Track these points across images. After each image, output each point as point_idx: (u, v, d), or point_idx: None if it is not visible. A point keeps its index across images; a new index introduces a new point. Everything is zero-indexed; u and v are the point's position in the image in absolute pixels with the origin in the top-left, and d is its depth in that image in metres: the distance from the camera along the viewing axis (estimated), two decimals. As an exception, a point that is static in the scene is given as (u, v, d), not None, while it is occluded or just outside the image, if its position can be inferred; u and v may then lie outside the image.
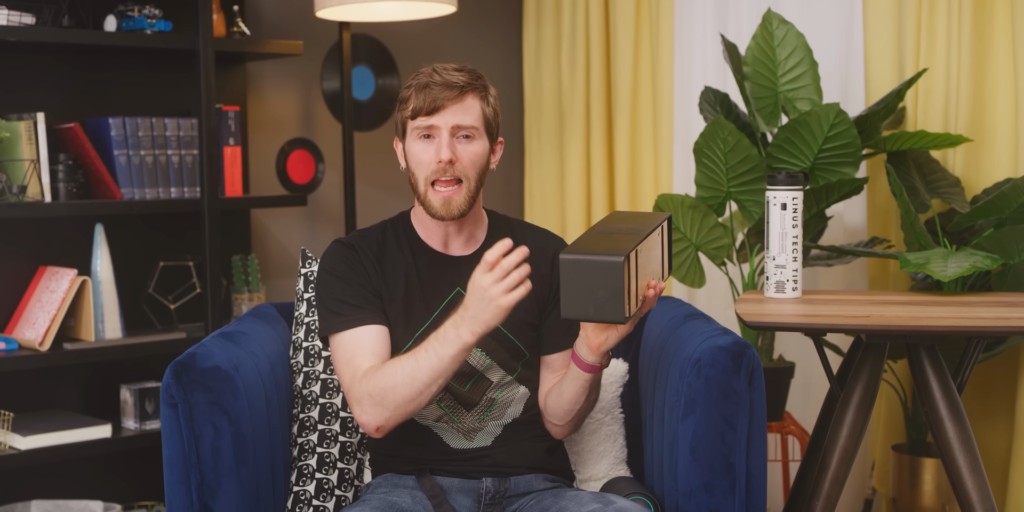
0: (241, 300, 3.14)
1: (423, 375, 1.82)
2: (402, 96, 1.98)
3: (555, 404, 2.02)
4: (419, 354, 1.82)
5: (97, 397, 2.99)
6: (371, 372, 1.87)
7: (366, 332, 1.94)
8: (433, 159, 1.93)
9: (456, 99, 1.93)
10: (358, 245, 2.02)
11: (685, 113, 3.43)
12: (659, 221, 1.87)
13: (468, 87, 1.94)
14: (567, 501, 1.91)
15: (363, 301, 1.96)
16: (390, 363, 1.87)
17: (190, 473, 1.90)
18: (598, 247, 1.71)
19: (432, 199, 1.95)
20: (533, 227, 2.14)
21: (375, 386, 1.85)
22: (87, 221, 2.92)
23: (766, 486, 1.95)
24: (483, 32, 3.81)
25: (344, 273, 1.98)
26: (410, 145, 1.97)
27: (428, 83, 1.93)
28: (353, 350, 1.93)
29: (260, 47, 3.05)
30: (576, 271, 1.69)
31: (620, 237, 1.77)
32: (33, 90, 2.89)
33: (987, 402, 2.90)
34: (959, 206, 2.73)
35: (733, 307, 2.85)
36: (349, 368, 1.91)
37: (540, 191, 3.77)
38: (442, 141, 1.93)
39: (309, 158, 3.42)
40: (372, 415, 1.86)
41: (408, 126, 1.96)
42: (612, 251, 1.69)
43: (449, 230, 2.02)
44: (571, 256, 1.69)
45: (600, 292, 1.69)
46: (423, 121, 1.93)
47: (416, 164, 1.96)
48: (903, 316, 2.16)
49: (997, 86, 2.83)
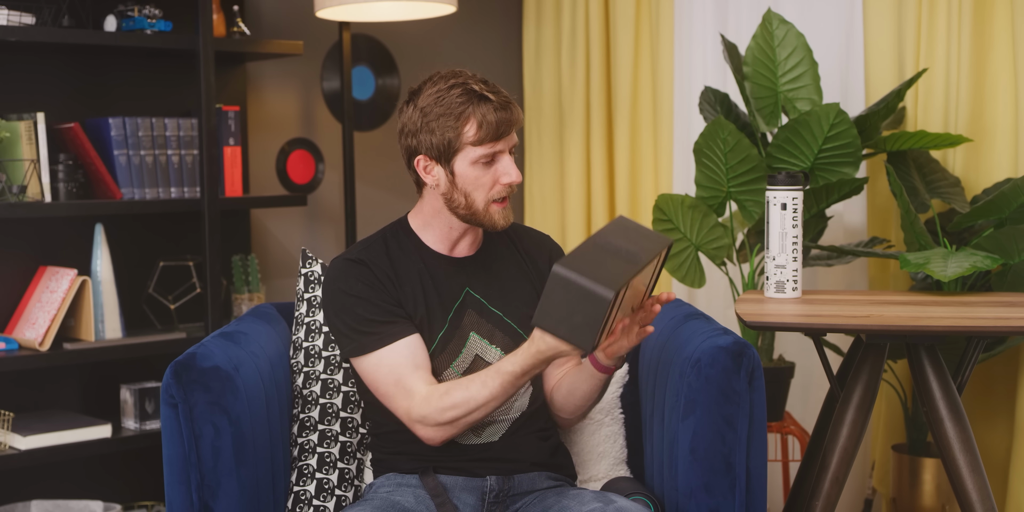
0: (241, 300, 3.14)
1: (496, 404, 1.89)
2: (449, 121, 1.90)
3: (566, 400, 2.05)
4: (494, 387, 1.86)
5: (97, 397, 2.99)
6: (435, 396, 1.90)
7: (402, 347, 1.95)
8: (496, 181, 1.94)
9: (517, 120, 1.94)
10: (367, 259, 2.00)
11: (685, 113, 3.43)
12: (659, 249, 1.83)
13: (515, 105, 1.95)
14: (569, 500, 1.91)
15: (391, 316, 1.96)
16: (460, 390, 1.88)
17: (190, 473, 1.90)
18: (594, 270, 1.67)
19: (495, 215, 1.97)
20: (522, 226, 2.18)
21: (445, 415, 1.89)
22: (87, 221, 2.92)
23: (766, 486, 1.95)
24: (483, 32, 3.82)
25: (363, 292, 1.97)
26: (466, 170, 1.93)
27: (493, 107, 1.90)
28: (397, 370, 1.93)
29: (260, 47, 3.05)
30: (564, 289, 1.67)
31: (617, 262, 1.72)
32: (33, 90, 2.89)
33: (987, 402, 2.90)
34: (959, 206, 2.73)
35: (733, 307, 2.85)
36: (399, 389, 1.93)
37: (540, 191, 3.77)
38: (507, 163, 1.94)
39: (309, 158, 3.42)
40: (439, 433, 1.92)
41: (464, 151, 1.92)
42: (606, 281, 1.65)
43: (464, 234, 2.03)
44: (564, 272, 1.66)
45: (578, 317, 1.67)
46: (488, 147, 1.91)
47: (475, 187, 1.94)
48: (903, 316, 2.16)
49: (997, 86, 2.83)
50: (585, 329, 1.67)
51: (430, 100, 1.92)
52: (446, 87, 1.91)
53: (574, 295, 1.65)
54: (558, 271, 1.67)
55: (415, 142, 1.95)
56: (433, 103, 1.91)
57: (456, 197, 1.95)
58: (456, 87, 1.91)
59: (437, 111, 1.91)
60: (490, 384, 1.86)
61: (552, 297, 1.68)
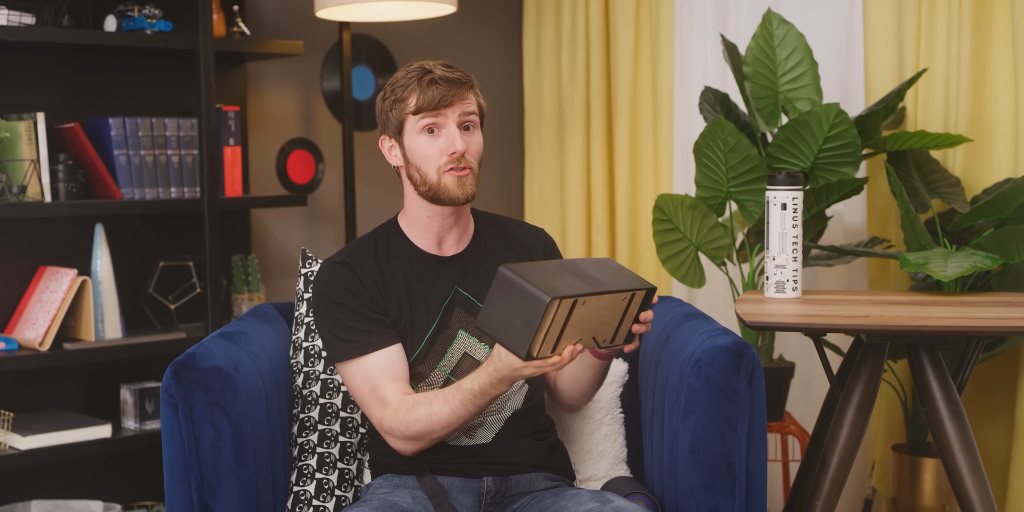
0: (241, 300, 3.14)
1: (460, 421, 1.89)
2: (397, 95, 1.97)
3: (572, 389, 2.08)
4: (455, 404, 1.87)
5: (97, 397, 2.99)
6: (403, 409, 1.91)
7: (379, 358, 1.96)
8: (444, 151, 1.95)
9: (460, 95, 1.96)
10: (353, 262, 2.01)
11: (685, 113, 3.43)
12: (632, 286, 1.75)
13: (468, 83, 1.98)
14: (567, 500, 1.91)
15: (371, 324, 1.97)
16: (424, 405, 1.90)
17: (190, 473, 1.90)
18: (541, 278, 1.66)
19: (448, 182, 1.96)
20: (515, 220, 2.17)
21: (410, 429, 1.91)
22: (87, 221, 2.92)
23: (766, 486, 1.95)
24: (483, 32, 3.82)
25: (346, 298, 1.98)
26: (412, 140, 1.97)
27: (432, 79, 1.94)
28: (372, 381, 1.96)
29: (260, 47, 3.05)
30: (506, 290, 1.65)
31: (573, 280, 1.70)
32: (33, 90, 2.89)
33: (987, 402, 2.90)
34: (959, 206, 2.73)
35: (733, 307, 2.85)
36: (374, 398, 1.95)
37: (540, 191, 3.77)
38: (452, 133, 1.95)
39: (309, 158, 3.42)
40: (408, 446, 1.95)
41: (408, 122, 1.97)
42: (548, 288, 1.63)
43: (445, 226, 2.03)
44: (509, 274, 1.66)
45: (516, 320, 1.65)
46: (429, 116, 1.95)
47: (423, 158, 1.96)
48: (903, 316, 2.16)
49: (997, 86, 2.83)
50: (521, 333, 1.65)
51: (389, 83, 2.01)
52: (403, 71, 1.99)
53: (515, 296, 1.64)
54: (503, 272, 1.66)
55: (380, 126, 2.04)
56: (390, 85, 2.00)
57: (412, 173, 1.99)
58: (411, 69, 1.98)
59: (390, 90, 1.99)
60: (451, 401, 1.88)
61: (494, 298, 1.67)
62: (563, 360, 1.73)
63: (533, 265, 1.70)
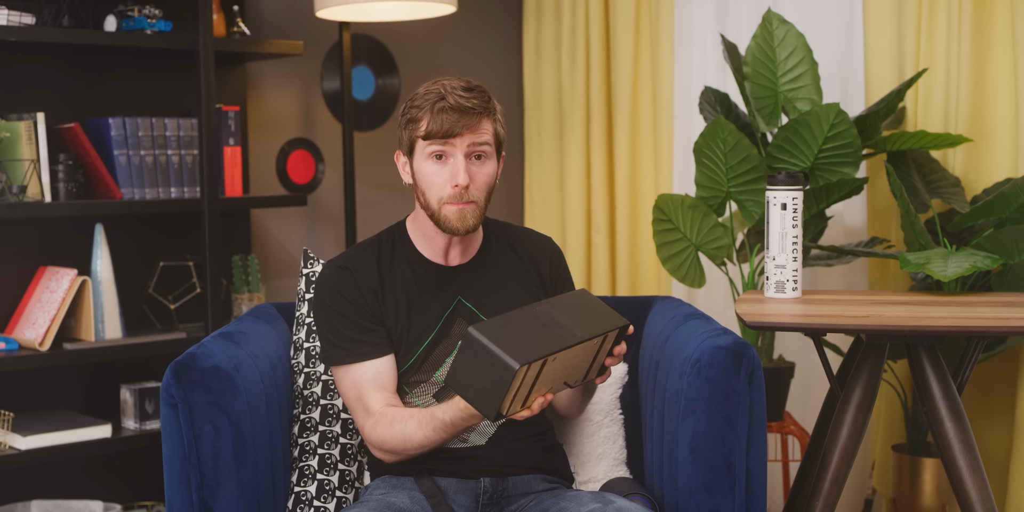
0: (241, 300, 3.14)
1: (432, 444, 1.92)
2: (412, 115, 1.94)
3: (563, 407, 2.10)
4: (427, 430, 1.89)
5: (97, 397, 2.99)
6: (382, 423, 1.93)
7: (369, 368, 1.98)
8: (448, 182, 1.92)
9: (471, 125, 1.91)
10: (354, 267, 2.01)
11: (685, 113, 3.43)
12: (606, 328, 1.74)
13: (483, 112, 1.92)
14: (567, 501, 1.91)
15: (364, 333, 1.98)
16: (400, 423, 1.91)
17: (190, 473, 1.90)
18: (510, 338, 1.63)
19: (448, 214, 1.94)
20: (524, 229, 2.16)
21: (386, 444, 1.94)
22: (87, 221, 2.92)
23: (766, 486, 1.95)
24: (483, 32, 3.82)
25: (342, 306, 1.99)
26: (420, 164, 1.95)
27: (444, 107, 1.89)
28: (359, 389, 1.98)
29: (260, 47, 3.05)
30: (474, 352, 1.63)
31: (543, 336, 1.67)
32: (33, 90, 2.89)
33: (987, 402, 2.90)
34: (959, 206, 2.73)
35: (733, 307, 2.85)
36: (359, 405, 1.98)
37: (540, 191, 3.77)
38: (458, 164, 1.91)
39: (309, 158, 3.42)
40: (386, 457, 1.98)
41: (418, 145, 1.94)
42: (517, 352, 1.61)
43: (452, 241, 2.02)
44: (478, 336, 1.63)
45: (485, 383, 1.64)
46: (437, 144, 1.92)
47: (428, 185, 1.94)
48: (903, 316, 2.16)
49: (997, 86, 2.83)
50: (490, 395, 1.64)
51: (410, 98, 1.97)
52: (424, 88, 1.95)
53: (484, 360, 1.62)
54: (471, 333, 1.64)
55: (397, 140, 2.02)
56: (410, 100, 1.97)
57: (419, 195, 1.98)
58: (431, 89, 1.94)
59: (407, 107, 1.96)
60: (424, 426, 1.89)
61: (463, 358, 1.65)
62: (533, 412, 1.74)
63: (503, 320, 1.67)
